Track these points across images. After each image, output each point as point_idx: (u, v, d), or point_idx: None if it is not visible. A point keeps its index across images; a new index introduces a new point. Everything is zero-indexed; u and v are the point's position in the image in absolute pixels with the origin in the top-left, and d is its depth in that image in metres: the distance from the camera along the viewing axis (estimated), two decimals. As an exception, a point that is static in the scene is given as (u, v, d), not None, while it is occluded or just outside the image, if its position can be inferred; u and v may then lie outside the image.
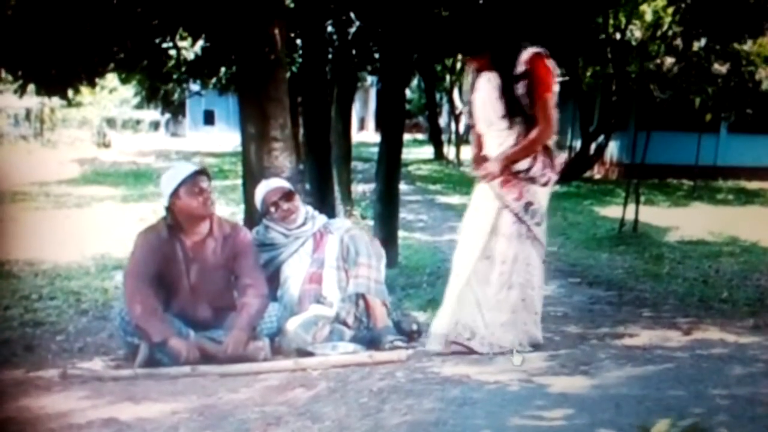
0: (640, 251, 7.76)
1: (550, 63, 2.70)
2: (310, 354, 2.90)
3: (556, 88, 2.70)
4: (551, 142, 2.84)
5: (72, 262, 6.06)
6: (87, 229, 8.07)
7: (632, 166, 10.15)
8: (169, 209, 3.02)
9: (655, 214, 10.32)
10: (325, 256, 3.30)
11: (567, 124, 18.74)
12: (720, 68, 11.70)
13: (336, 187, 8.20)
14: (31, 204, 9.93)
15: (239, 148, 4.17)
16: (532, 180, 2.80)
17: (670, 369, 2.80)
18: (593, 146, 15.36)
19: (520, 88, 2.68)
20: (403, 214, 8.87)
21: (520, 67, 2.66)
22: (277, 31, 3.56)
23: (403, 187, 7.58)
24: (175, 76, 4.85)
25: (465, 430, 2.13)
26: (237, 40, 3.80)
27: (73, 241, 7.03)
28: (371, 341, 3.06)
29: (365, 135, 30.03)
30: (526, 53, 2.67)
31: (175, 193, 2.97)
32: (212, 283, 3.05)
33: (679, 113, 13.82)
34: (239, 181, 4.27)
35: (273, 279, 3.29)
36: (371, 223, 7.75)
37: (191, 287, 3.02)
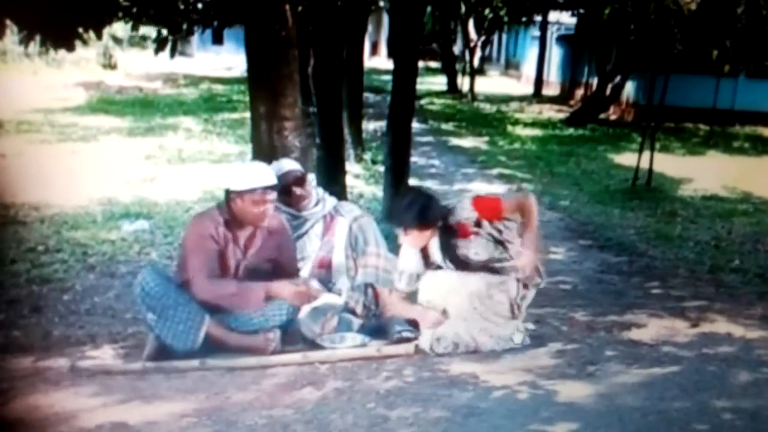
0: (652, 207, 7.68)
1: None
2: (318, 345, 2.92)
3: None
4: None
5: (78, 207, 6.05)
6: (93, 166, 8.02)
7: (649, 108, 9.88)
8: (227, 201, 2.96)
9: (670, 163, 10.15)
10: (335, 241, 3.26)
11: (583, 61, 18.14)
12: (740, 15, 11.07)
13: (346, 130, 8.05)
14: (36, 136, 9.83)
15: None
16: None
17: (676, 373, 2.81)
18: (609, 86, 14.90)
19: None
20: (414, 158, 8.75)
21: (471, 216, 2.91)
22: (287, 8, 3.34)
23: (414, 125, 7.39)
24: (184, 26, 4.63)
25: (470, 447, 2.16)
26: (247, 18, 3.59)
27: (79, 182, 7.00)
28: (379, 331, 3.07)
29: (377, 61, 29.22)
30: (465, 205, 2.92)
31: (239, 194, 2.90)
32: (255, 277, 3.02)
33: (697, 57, 13.29)
34: (248, 114, 4.15)
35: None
36: (382, 168, 7.67)
37: (235, 278, 2.99)
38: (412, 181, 7.52)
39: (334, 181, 5.69)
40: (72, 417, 2.25)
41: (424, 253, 3.01)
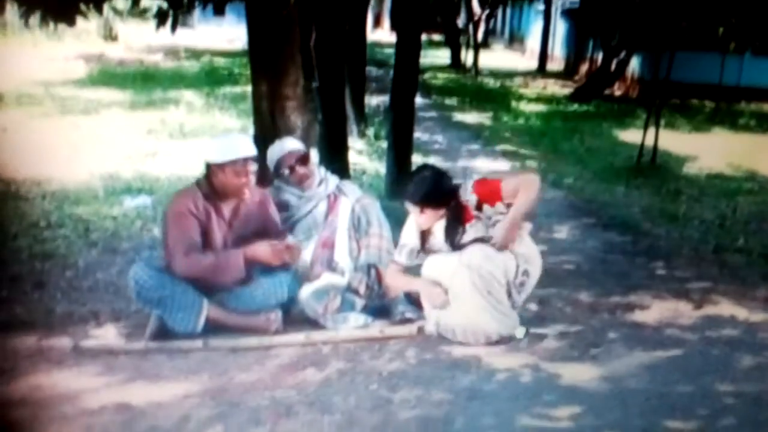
0: (657, 185, 7.62)
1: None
2: (321, 326, 2.91)
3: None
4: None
5: (80, 182, 6.01)
6: (94, 140, 7.96)
7: (654, 84, 9.72)
8: (207, 175, 2.93)
9: (675, 140, 10.04)
10: (339, 221, 3.23)
11: (588, 36, 17.86)
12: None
13: (348, 105, 7.95)
14: (37, 109, 9.75)
15: None
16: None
17: (679, 357, 2.81)
18: (615, 62, 14.69)
19: None
20: (418, 134, 8.65)
21: (471, 200, 2.89)
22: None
23: (417, 100, 7.30)
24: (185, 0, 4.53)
25: (473, 431, 2.16)
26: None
27: (81, 157, 6.95)
28: (382, 311, 3.07)
29: (380, 34, 28.84)
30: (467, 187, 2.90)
31: (220, 167, 2.88)
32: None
33: (703, 34, 13.08)
34: (250, 88, 4.09)
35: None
36: (385, 144, 7.60)
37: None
38: (415, 158, 7.46)
39: (336, 158, 5.63)
40: (75, 397, 2.26)
41: (426, 233, 2.98)
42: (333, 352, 2.72)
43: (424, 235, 2.98)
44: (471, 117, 12.00)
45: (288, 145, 3.27)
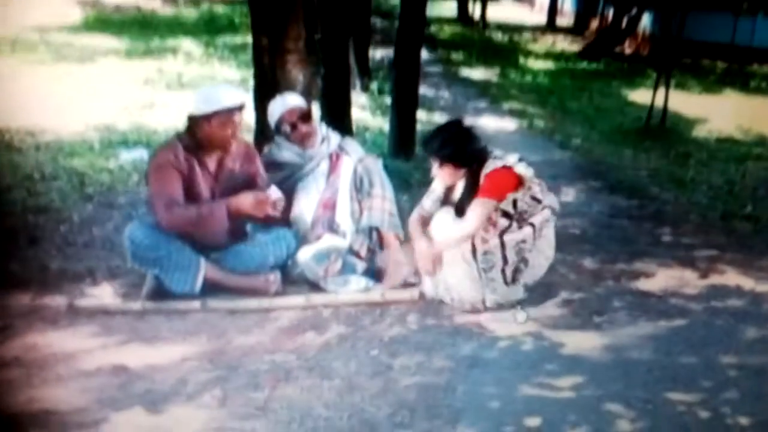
0: (666, 148, 7.50)
1: (511, 175, 2.75)
2: (321, 289, 2.86)
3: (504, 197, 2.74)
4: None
5: (75, 133, 5.89)
6: (90, 90, 7.78)
7: (665, 42, 9.45)
8: (191, 127, 2.84)
9: (685, 101, 9.86)
10: (340, 181, 3.14)
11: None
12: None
13: (352, 58, 7.73)
14: (31, 56, 9.51)
15: None
16: None
17: (683, 327, 2.77)
18: (625, 18, 14.28)
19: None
20: (423, 89, 8.46)
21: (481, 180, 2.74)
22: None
23: (423, 54, 7.08)
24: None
25: (474, 400, 2.13)
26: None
27: (76, 107, 6.80)
28: (383, 274, 3.01)
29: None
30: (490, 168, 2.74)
31: (206, 118, 2.78)
32: None
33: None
34: (251, 38, 3.94)
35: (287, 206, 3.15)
36: (389, 100, 7.43)
37: None
38: (420, 115, 7.31)
39: (339, 113, 5.49)
40: (71, 358, 2.23)
41: (452, 186, 2.87)
42: (333, 316, 2.68)
43: (450, 189, 2.89)
44: (477, 73, 11.75)
45: (290, 100, 3.15)
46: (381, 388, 2.17)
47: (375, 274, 3.01)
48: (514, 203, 2.74)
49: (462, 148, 2.77)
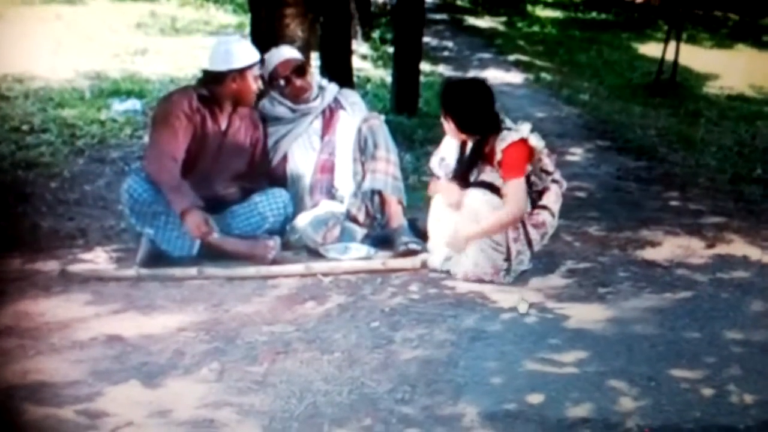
0: (675, 106, 7.36)
1: (527, 148, 2.64)
2: (321, 256, 2.80)
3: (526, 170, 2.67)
4: None
5: (64, 81, 5.72)
6: (80, 34, 7.52)
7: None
8: (207, 81, 2.79)
9: (696, 56, 9.62)
10: (337, 141, 3.03)
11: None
12: None
13: (352, 3, 7.45)
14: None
15: None
16: None
17: (688, 300, 2.72)
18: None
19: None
20: (426, 38, 8.23)
21: (498, 155, 2.63)
22: None
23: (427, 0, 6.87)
24: None
25: (475, 375, 2.10)
26: None
27: (65, 52, 6.58)
28: (384, 241, 2.95)
29: None
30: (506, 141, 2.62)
31: (240, 72, 2.77)
32: (236, 162, 2.90)
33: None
34: None
35: (280, 163, 3.06)
36: (391, 49, 7.22)
37: (216, 164, 2.85)
38: (424, 66, 7.10)
39: (339, 64, 5.31)
40: (64, 327, 2.18)
41: (463, 149, 2.77)
42: (333, 285, 2.62)
43: (462, 150, 2.77)
44: (483, 22, 11.41)
45: (285, 52, 3.02)
46: (381, 362, 2.13)
47: (376, 241, 2.94)
48: (527, 177, 2.66)
49: (471, 108, 2.65)
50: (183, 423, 1.76)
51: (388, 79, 6.62)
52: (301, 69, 3.00)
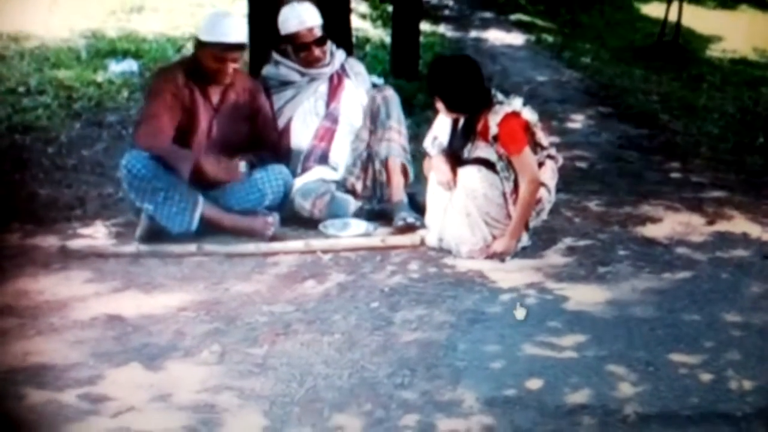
0: (678, 69, 7.25)
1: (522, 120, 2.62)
2: (321, 233, 2.77)
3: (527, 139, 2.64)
4: None
5: (60, 40, 5.57)
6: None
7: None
8: (196, 52, 2.75)
9: (700, 17, 9.43)
10: (341, 111, 2.96)
11: None
12: None
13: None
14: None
15: None
16: None
17: (687, 280, 2.73)
18: None
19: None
20: (427, -4, 8.01)
21: (493, 129, 2.59)
22: None
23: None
24: None
25: (475, 359, 2.11)
26: None
27: (61, 9, 6.38)
28: (383, 216, 2.92)
29: None
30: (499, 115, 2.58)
31: (204, 45, 2.71)
32: (231, 137, 2.84)
33: None
34: None
35: (286, 127, 3.00)
36: (390, 8, 7.02)
37: (209, 140, 2.81)
38: (424, 26, 6.93)
39: (336, 23, 5.12)
40: (64, 306, 2.17)
41: (455, 126, 2.74)
42: (333, 263, 2.61)
43: (455, 127, 2.73)
44: (485, -23, 11.06)
45: (307, 17, 2.88)
46: (381, 344, 2.14)
47: (372, 215, 2.92)
48: None
49: (459, 87, 2.60)
50: (184, 407, 1.77)
51: (388, 40, 6.47)
52: (323, 39, 2.91)
